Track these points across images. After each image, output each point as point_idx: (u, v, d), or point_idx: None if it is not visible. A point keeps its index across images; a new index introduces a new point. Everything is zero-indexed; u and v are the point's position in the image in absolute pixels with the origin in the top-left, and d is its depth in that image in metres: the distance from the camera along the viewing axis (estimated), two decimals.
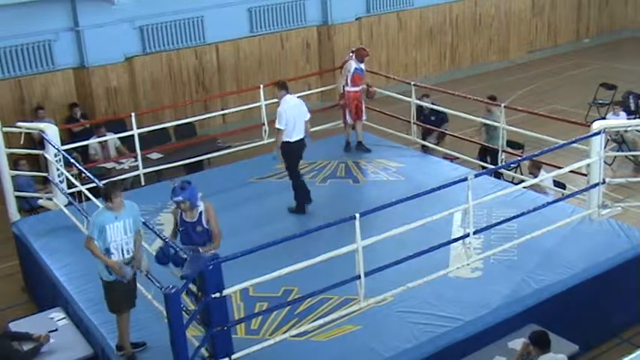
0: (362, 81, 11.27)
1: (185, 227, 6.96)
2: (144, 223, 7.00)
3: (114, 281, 6.62)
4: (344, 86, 11.16)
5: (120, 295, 6.69)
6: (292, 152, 9.47)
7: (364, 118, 11.44)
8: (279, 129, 9.27)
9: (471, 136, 11.82)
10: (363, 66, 11.19)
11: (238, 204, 10.05)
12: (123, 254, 6.58)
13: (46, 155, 9.74)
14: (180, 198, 6.80)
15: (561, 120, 10.30)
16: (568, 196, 9.08)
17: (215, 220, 6.99)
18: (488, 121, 11.00)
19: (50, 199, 9.95)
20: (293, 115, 9.30)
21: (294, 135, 9.37)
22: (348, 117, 11.35)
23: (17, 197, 10.02)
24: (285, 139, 9.35)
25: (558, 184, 10.18)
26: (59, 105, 13.71)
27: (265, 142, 11.49)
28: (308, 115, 9.55)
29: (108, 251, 6.54)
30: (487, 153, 11.33)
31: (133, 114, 10.77)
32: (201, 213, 6.95)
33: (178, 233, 7.03)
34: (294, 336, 6.77)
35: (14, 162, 10.03)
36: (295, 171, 9.65)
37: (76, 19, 13.66)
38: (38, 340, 7.40)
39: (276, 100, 12.19)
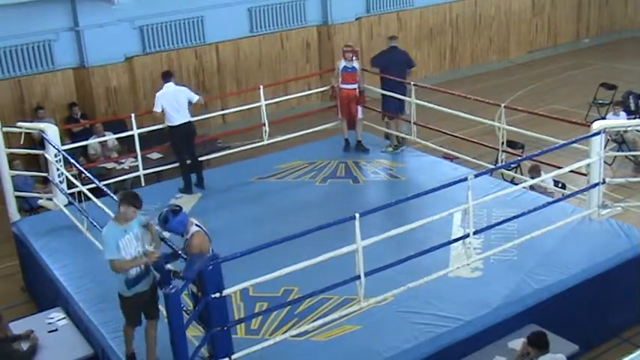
0: (353, 79, 11.32)
1: None
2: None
3: (131, 296, 6.51)
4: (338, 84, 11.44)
5: (136, 309, 6.59)
6: (175, 135, 10.27)
7: (360, 116, 11.48)
8: (155, 112, 10.19)
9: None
10: (354, 64, 11.28)
11: (238, 204, 10.06)
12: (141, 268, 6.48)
13: (46, 155, 9.74)
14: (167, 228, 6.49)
15: (561, 120, 10.28)
16: (568, 196, 9.08)
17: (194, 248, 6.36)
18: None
19: (50, 199, 9.95)
20: (168, 101, 10.06)
21: (175, 120, 10.14)
22: (339, 114, 11.58)
23: (17, 197, 10.02)
24: (168, 123, 10.19)
25: (558, 184, 10.20)
26: (59, 105, 13.70)
27: (265, 142, 11.49)
28: (194, 99, 10.31)
29: None
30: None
31: (132, 115, 10.77)
32: (186, 240, 6.46)
33: None
34: (294, 336, 6.77)
35: (9, 162, 10.01)
36: (178, 152, 10.45)
37: (76, 19, 13.66)
38: (27, 338, 7.42)
39: (275, 100, 12.34)
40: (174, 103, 10.13)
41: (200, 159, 10.89)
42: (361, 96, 11.49)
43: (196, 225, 6.41)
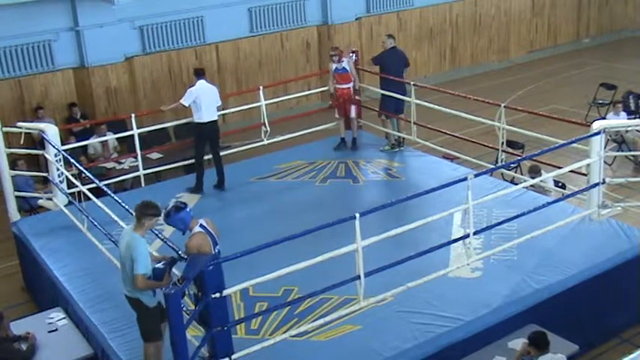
0: (344, 79, 11.39)
1: None
2: None
3: (156, 306, 6.39)
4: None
5: (159, 319, 6.46)
6: (202, 132, 10.29)
7: (353, 115, 11.53)
8: (182, 104, 10.22)
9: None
10: (343, 65, 11.34)
11: (238, 204, 10.06)
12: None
13: (46, 155, 9.74)
14: (167, 222, 6.46)
15: (561, 120, 10.30)
16: (568, 196, 9.07)
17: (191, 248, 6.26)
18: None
19: (50, 199, 9.95)
20: (202, 98, 10.08)
21: (205, 117, 10.15)
22: (336, 113, 11.68)
23: (17, 197, 10.02)
24: (197, 120, 10.20)
25: (558, 183, 10.19)
26: (59, 105, 13.72)
27: (265, 142, 11.50)
28: (219, 102, 10.43)
29: (149, 278, 6.28)
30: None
31: (132, 115, 10.77)
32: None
33: None
34: (294, 336, 6.77)
35: (12, 162, 10.03)
36: (200, 150, 10.42)
37: (76, 19, 13.66)
38: (27, 339, 7.42)
39: (275, 100, 12.33)
40: (207, 100, 10.13)
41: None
42: (354, 94, 11.51)
43: (200, 225, 6.40)
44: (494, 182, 10.01)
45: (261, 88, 11.50)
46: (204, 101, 10.09)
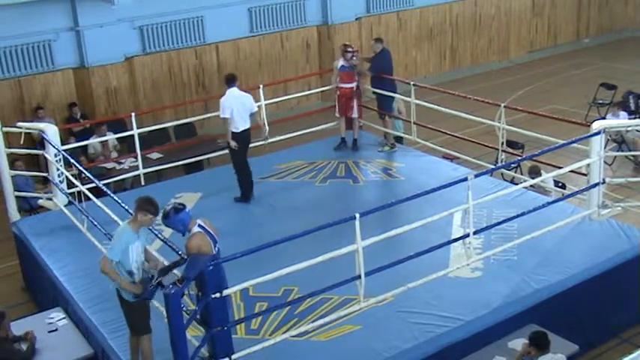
0: (350, 78, 11.33)
1: None
2: None
3: (137, 301, 6.41)
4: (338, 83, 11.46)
5: (145, 313, 6.49)
6: (238, 142, 9.96)
7: (355, 115, 11.49)
8: (223, 118, 9.86)
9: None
10: (354, 63, 11.27)
11: (239, 204, 10.06)
12: (141, 274, 6.39)
13: (46, 155, 9.74)
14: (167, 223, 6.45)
15: (561, 120, 10.30)
16: (568, 196, 9.07)
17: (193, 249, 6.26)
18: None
19: (50, 199, 9.95)
20: (235, 107, 9.80)
21: (240, 126, 9.89)
22: (336, 112, 11.60)
23: (17, 197, 10.02)
24: (232, 129, 9.88)
25: (558, 183, 10.19)
26: (59, 105, 13.72)
27: (266, 142, 11.48)
28: (254, 109, 10.09)
29: (131, 274, 6.29)
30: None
31: (132, 114, 10.77)
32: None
33: None
34: (294, 336, 6.77)
35: (11, 162, 10.03)
36: (241, 160, 10.14)
37: (76, 19, 13.66)
38: (27, 339, 7.42)
39: (275, 100, 12.29)
40: (240, 108, 9.89)
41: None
42: (356, 94, 11.49)
43: (199, 226, 6.40)
44: (494, 182, 10.01)
45: (261, 86, 11.50)
46: (235, 110, 9.82)
